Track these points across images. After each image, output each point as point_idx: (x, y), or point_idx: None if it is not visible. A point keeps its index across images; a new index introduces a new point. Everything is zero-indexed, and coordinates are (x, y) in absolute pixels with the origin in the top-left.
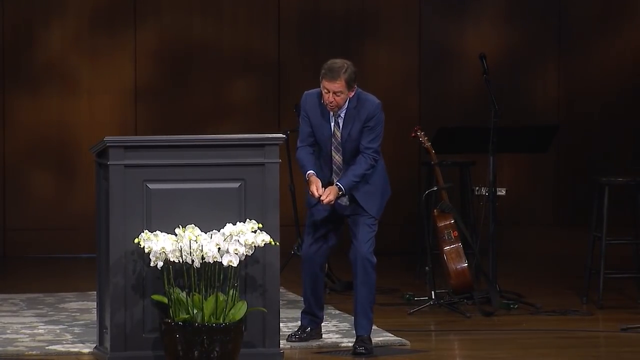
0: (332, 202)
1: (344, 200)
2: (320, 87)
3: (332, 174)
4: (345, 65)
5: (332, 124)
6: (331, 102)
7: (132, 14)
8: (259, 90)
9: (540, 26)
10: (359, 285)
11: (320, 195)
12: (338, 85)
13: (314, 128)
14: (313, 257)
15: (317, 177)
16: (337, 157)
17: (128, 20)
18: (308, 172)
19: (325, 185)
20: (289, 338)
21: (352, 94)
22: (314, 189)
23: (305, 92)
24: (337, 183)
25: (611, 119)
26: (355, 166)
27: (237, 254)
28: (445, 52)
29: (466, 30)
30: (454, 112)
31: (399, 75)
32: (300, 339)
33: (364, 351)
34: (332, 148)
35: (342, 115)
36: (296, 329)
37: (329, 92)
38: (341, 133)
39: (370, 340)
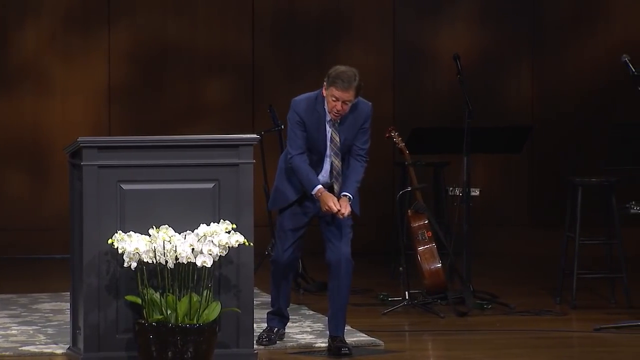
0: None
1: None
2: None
3: (332, 179)
4: (355, 73)
5: (330, 129)
6: (339, 111)
7: (106, 15)
8: (233, 91)
9: (514, 27)
10: (340, 287)
11: (339, 210)
12: (349, 94)
13: (308, 133)
14: (284, 263)
15: (294, 182)
16: (336, 162)
17: (102, 20)
18: (318, 187)
19: (328, 187)
20: (259, 341)
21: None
22: (332, 205)
23: (293, 99)
24: (345, 193)
25: (585, 120)
26: (354, 172)
27: (211, 254)
28: (419, 53)
29: (440, 31)
30: (428, 112)
31: (373, 76)
32: (270, 341)
33: (348, 352)
34: (332, 154)
35: (339, 120)
36: (264, 331)
37: (338, 100)
38: (339, 138)
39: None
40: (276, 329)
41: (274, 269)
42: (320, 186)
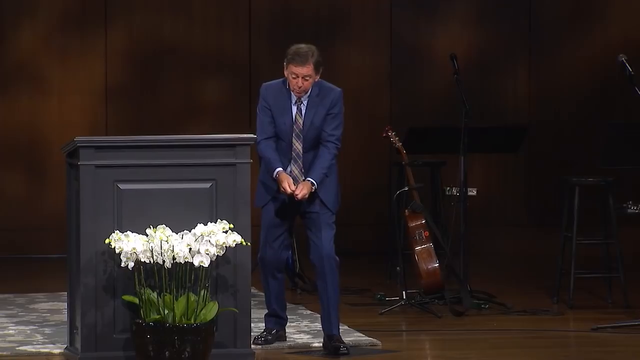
0: (306, 197)
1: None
2: (283, 76)
3: (290, 163)
4: (312, 49)
5: (295, 111)
6: (300, 87)
7: (103, 15)
8: (230, 90)
9: (511, 27)
10: (328, 286)
11: (294, 191)
12: (307, 69)
13: (275, 118)
14: (270, 260)
15: (267, 169)
16: (297, 145)
17: (99, 20)
18: (277, 170)
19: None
20: (255, 341)
21: (318, 77)
22: (286, 185)
23: (264, 83)
24: (309, 178)
25: (581, 119)
26: (321, 158)
27: (208, 254)
28: (416, 53)
29: (437, 31)
30: (424, 112)
31: (369, 76)
32: (267, 342)
33: (346, 351)
34: (293, 135)
35: (305, 102)
36: (262, 332)
37: (298, 76)
38: (303, 120)
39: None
40: (274, 330)
41: (261, 268)
42: (279, 169)
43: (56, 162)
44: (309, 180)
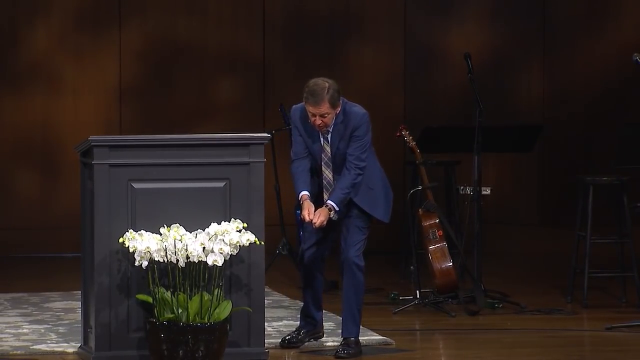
0: (324, 224)
1: (334, 216)
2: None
3: (322, 190)
4: (327, 84)
5: (322, 139)
6: (320, 125)
7: (117, 14)
8: (244, 89)
9: (525, 25)
10: (345, 288)
11: (312, 220)
12: (323, 108)
13: (307, 143)
14: (309, 261)
15: (311, 190)
16: (327, 173)
17: (113, 19)
18: (302, 194)
19: (317, 195)
20: (283, 341)
21: (339, 109)
22: (305, 213)
23: (294, 106)
24: (328, 202)
25: (596, 118)
26: (341, 180)
27: (222, 253)
28: (430, 52)
29: (451, 30)
30: (438, 111)
31: (383, 75)
32: (290, 342)
33: (344, 355)
34: (323, 164)
35: (330, 130)
36: (290, 332)
37: (315, 115)
38: (330, 147)
39: (357, 343)
40: (303, 330)
41: (299, 264)
42: (304, 193)
43: (70, 162)
44: (326, 206)
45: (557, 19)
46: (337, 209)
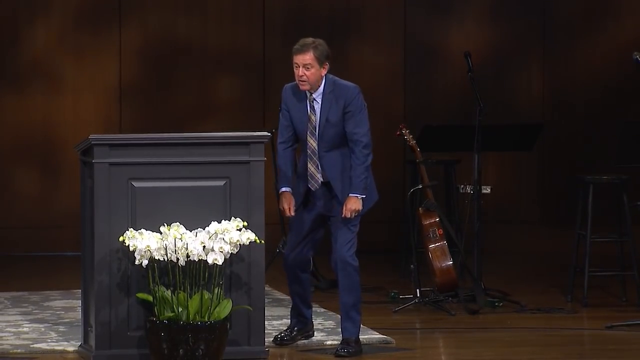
0: (357, 211)
1: (315, 187)
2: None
3: (308, 161)
4: (317, 40)
5: (309, 109)
6: (302, 76)
7: (117, 13)
8: (244, 88)
9: (525, 24)
10: (341, 290)
11: (291, 217)
12: (307, 57)
13: (292, 117)
14: (293, 262)
15: (298, 174)
16: (311, 142)
17: (113, 18)
18: (282, 190)
19: (302, 171)
20: (275, 340)
21: (325, 71)
22: (286, 207)
23: (285, 85)
24: (350, 194)
25: (596, 117)
26: (353, 169)
27: (222, 252)
28: (430, 51)
29: (451, 29)
30: (438, 110)
31: (383, 74)
32: (282, 340)
33: (344, 354)
34: (308, 133)
35: (319, 100)
36: (281, 331)
37: (299, 66)
38: (319, 117)
39: (357, 342)
40: (296, 328)
41: (283, 267)
42: (285, 189)
43: (70, 160)
44: (351, 196)
45: (557, 17)
46: (362, 196)
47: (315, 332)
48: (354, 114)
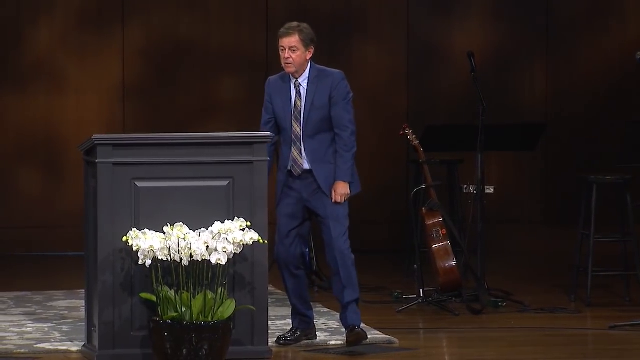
0: (347, 196)
1: (297, 172)
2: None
3: (290, 146)
4: (301, 24)
5: (294, 94)
6: (287, 58)
7: (120, 12)
8: (247, 88)
9: (528, 24)
10: (343, 284)
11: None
12: (293, 40)
13: (275, 106)
14: (282, 256)
15: (279, 166)
16: (296, 127)
17: (116, 18)
18: None
19: (290, 162)
20: (278, 340)
21: (309, 55)
22: None
23: (269, 77)
24: (338, 180)
25: (599, 117)
26: (339, 158)
27: (225, 252)
28: (432, 50)
29: (454, 28)
30: (441, 110)
31: (386, 74)
32: (287, 342)
33: (353, 339)
34: (292, 118)
35: (304, 85)
36: (285, 332)
37: (285, 48)
38: (305, 102)
39: (361, 329)
40: (298, 329)
41: (277, 265)
42: None
43: (73, 160)
44: (339, 181)
45: (560, 17)
46: (350, 181)
47: (318, 333)
48: (339, 100)
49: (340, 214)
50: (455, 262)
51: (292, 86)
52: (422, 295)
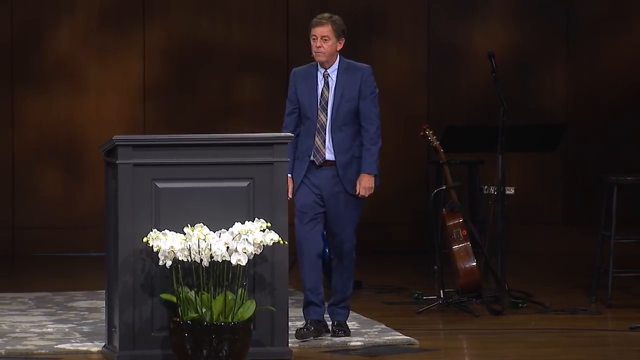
0: (372, 190)
1: (319, 160)
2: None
3: (315, 136)
4: (333, 16)
5: (322, 85)
6: (319, 47)
7: (141, 13)
8: (268, 89)
9: (549, 24)
10: (343, 280)
11: (295, 199)
12: (326, 30)
13: (300, 96)
14: (308, 237)
15: (297, 156)
16: (322, 117)
17: (137, 19)
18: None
19: (312, 151)
20: (298, 332)
21: (340, 46)
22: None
23: (294, 69)
24: (364, 173)
25: (620, 117)
26: (367, 147)
27: (245, 252)
28: (453, 51)
29: (474, 29)
30: (462, 110)
31: (407, 74)
32: (303, 336)
33: (343, 335)
34: (319, 108)
35: (333, 76)
36: (301, 327)
37: (317, 37)
38: (333, 93)
39: (347, 324)
40: (313, 322)
41: (298, 249)
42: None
43: (94, 161)
44: (365, 174)
45: (581, 17)
46: (375, 173)
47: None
48: (368, 94)
49: (353, 213)
50: (475, 263)
51: (321, 76)
52: (442, 296)
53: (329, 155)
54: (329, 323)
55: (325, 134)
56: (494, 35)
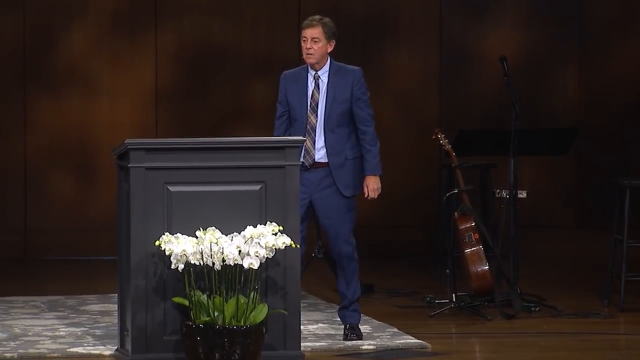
0: (379, 191)
1: (309, 162)
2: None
3: (306, 137)
4: (324, 18)
5: (312, 86)
6: (309, 49)
7: (153, 17)
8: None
9: (561, 28)
10: (348, 282)
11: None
12: (316, 31)
13: (290, 98)
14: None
15: None
16: (312, 118)
17: (149, 22)
18: None
19: (302, 153)
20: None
21: (330, 48)
22: None
23: (284, 72)
24: (369, 175)
25: (632, 121)
26: (367, 149)
27: (257, 256)
28: (465, 55)
29: (487, 33)
30: (474, 114)
31: (419, 78)
32: (347, 338)
33: (355, 338)
34: (309, 110)
35: (324, 78)
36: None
37: (307, 39)
38: (325, 95)
39: (359, 327)
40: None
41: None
42: None
43: (106, 164)
44: (370, 176)
45: (593, 21)
46: (380, 174)
47: (338, 337)
48: (361, 95)
49: (347, 215)
50: (487, 267)
51: (311, 78)
52: (454, 299)
53: (319, 156)
54: (341, 326)
55: (315, 135)
56: (506, 39)
